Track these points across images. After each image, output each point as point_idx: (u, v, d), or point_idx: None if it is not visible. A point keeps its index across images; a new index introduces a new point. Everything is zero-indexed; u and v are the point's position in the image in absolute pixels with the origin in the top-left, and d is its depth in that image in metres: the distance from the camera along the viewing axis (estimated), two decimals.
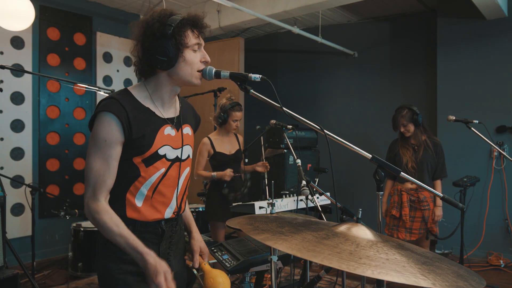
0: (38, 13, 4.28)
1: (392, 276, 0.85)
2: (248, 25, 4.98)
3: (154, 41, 1.32)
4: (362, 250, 0.98)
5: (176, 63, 1.35)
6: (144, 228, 1.42)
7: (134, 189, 1.39)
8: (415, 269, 0.92)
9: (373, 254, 0.96)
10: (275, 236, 1.07)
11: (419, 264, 0.96)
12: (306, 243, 1.00)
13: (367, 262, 0.90)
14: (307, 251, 0.95)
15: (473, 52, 4.62)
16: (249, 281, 1.86)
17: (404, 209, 3.22)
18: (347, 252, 0.95)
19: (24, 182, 4.20)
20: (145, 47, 1.33)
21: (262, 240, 1.04)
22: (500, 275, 4.09)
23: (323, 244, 0.99)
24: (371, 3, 4.96)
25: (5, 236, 2.95)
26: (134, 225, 1.39)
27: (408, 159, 3.26)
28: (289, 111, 1.37)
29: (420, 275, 0.89)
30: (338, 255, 0.93)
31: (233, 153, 3.37)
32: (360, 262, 0.90)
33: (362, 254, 0.95)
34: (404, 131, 3.28)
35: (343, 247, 0.98)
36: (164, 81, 1.40)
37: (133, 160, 1.37)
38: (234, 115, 3.30)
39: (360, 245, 1.01)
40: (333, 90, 5.97)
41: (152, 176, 1.40)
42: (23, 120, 4.37)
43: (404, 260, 0.96)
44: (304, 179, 1.92)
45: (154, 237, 1.44)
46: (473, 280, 0.96)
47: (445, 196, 1.46)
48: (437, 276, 0.90)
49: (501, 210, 4.47)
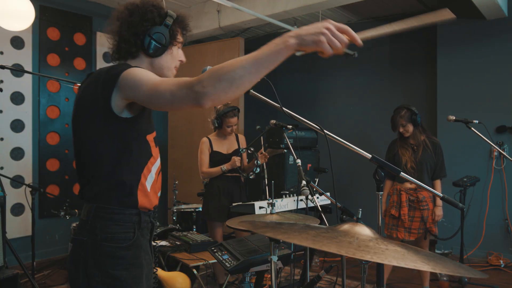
0: (38, 13, 4.28)
1: (390, 261, 0.86)
2: (248, 25, 4.97)
3: (152, 26, 1.33)
4: (362, 242, 0.99)
5: (163, 53, 1.38)
6: (146, 218, 1.35)
7: (147, 171, 1.32)
8: (415, 257, 0.93)
9: (372, 244, 0.97)
10: (274, 229, 1.08)
11: (418, 254, 0.98)
12: (305, 234, 1.02)
13: (366, 249, 0.91)
14: (306, 239, 0.96)
15: (473, 52, 4.62)
16: (249, 281, 1.86)
17: (403, 208, 3.22)
18: (347, 242, 0.96)
19: (24, 182, 4.19)
20: (141, 30, 1.33)
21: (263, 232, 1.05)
22: (500, 275, 4.09)
23: (322, 236, 1.00)
24: (371, 3, 4.96)
25: (5, 236, 2.95)
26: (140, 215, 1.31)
27: (407, 159, 3.26)
28: (289, 111, 1.37)
29: (421, 261, 0.90)
30: (337, 243, 0.94)
31: (230, 152, 3.40)
32: (359, 249, 0.91)
33: (362, 243, 0.96)
34: (403, 131, 3.29)
35: (343, 239, 0.99)
36: (144, 67, 1.36)
37: (146, 138, 1.32)
38: (228, 121, 3.29)
39: (361, 239, 1.02)
40: (333, 90, 5.97)
41: (158, 157, 1.37)
42: (23, 120, 4.37)
43: (404, 251, 0.97)
44: (304, 179, 1.93)
45: (147, 229, 1.38)
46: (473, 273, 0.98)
47: (445, 196, 1.46)
48: (437, 263, 0.92)
49: (501, 210, 4.47)
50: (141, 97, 1.17)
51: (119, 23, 1.35)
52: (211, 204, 3.34)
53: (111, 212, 1.26)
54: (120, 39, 1.35)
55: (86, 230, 1.25)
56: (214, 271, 3.38)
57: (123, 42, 1.35)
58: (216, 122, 3.32)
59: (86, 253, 1.23)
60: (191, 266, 2.55)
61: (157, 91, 1.11)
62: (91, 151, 1.28)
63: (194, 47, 5.58)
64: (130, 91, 1.18)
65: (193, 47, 5.59)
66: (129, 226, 1.28)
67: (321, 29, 0.97)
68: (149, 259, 1.37)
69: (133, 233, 1.28)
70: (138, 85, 1.16)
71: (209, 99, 1.02)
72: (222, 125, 3.32)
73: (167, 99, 1.10)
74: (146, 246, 1.36)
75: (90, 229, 1.24)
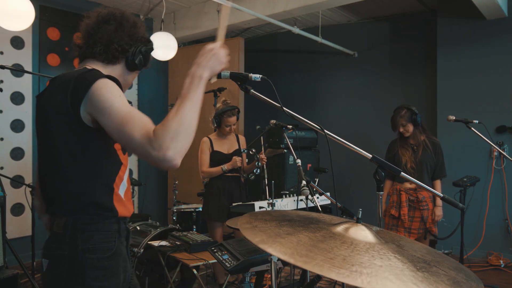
0: (38, 13, 4.28)
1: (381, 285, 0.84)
2: (248, 25, 4.97)
3: (143, 43, 1.43)
4: (357, 255, 0.96)
5: (133, 72, 1.45)
6: (123, 225, 1.35)
7: (119, 179, 1.31)
8: (408, 276, 0.91)
9: (367, 260, 0.94)
10: (270, 238, 1.05)
11: (414, 270, 0.95)
12: (300, 246, 0.99)
13: (359, 270, 0.89)
14: (300, 256, 0.93)
15: (473, 52, 4.62)
16: (249, 281, 1.86)
17: (402, 208, 3.22)
18: (341, 258, 0.94)
19: (24, 182, 4.19)
20: (137, 42, 1.41)
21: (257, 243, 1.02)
22: (500, 275, 4.09)
23: (317, 248, 0.98)
24: (371, 3, 4.96)
25: (5, 236, 2.95)
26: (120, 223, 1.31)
27: (407, 159, 3.27)
28: (289, 111, 1.37)
29: (412, 283, 0.88)
30: (330, 261, 0.91)
31: (231, 152, 3.40)
32: (352, 270, 0.89)
33: (356, 260, 0.94)
34: (403, 131, 3.29)
35: (338, 252, 0.97)
36: (117, 74, 1.38)
37: (114, 146, 1.30)
38: (226, 120, 3.30)
39: (356, 248, 1.00)
40: (333, 90, 5.96)
41: (127, 164, 1.37)
42: (23, 120, 4.37)
43: (399, 266, 0.95)
44: (304, 179, 1.92)
45: (124, 236, 1.36)
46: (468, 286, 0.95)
47: (445, 196, 1.46)
48: (429, 285, 0.89)
49: (501, 210, 4.47)
50: (108, 129, 1.15)
51: (117, 27, 1.36)
52: (211, 204, 3.34)
53: (90, 222, 1.24)
54: (117, 42, 1.36)
55: (65, 243, 1.22)
56: (214, 271, 3.38)
57: (117, 45, 1.36)
58: (215, 121, 3.33)
59: (67, 267, 1.21)
60: (191, 266, 2.55)
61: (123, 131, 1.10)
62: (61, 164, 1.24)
63: (194, 47, 5.58)
64: (97, 114, 1.17)
65: (193, 47, 5.59)
66: (110, 234, 1.27)
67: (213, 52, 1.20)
68: (126, 266, 1.36)
69: (114, 241, 1.28)
70: (105, 112, 1.14)
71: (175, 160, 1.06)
72: (221, 124, 3.33)
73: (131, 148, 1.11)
74: (125, 253, 1.35)
75: (70, 242, 1.22)
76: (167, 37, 4.10)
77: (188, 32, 5.26)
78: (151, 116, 1.11)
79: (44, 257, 1.26)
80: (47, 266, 1.25)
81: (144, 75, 5.55)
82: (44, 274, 1.26)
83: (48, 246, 1.28)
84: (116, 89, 1.20)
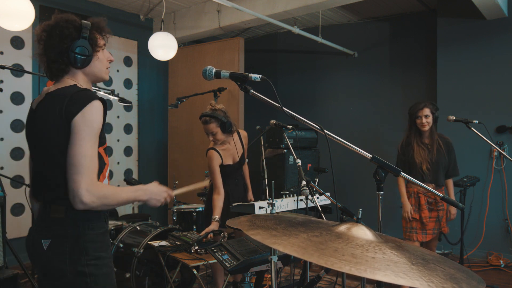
0: (38, 13, 4.27)
1: (367, 273, 0.84)
2: (248, 25, 4.97)
3: (72, 42, 1.48)
4: (350, 248, 0.96)
5: (91, 61, 1.53)
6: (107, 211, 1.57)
7: (103, 177, 1.49)
8: (400, 268, 0.89)
9: (359, 252, 0.94)
10: (266, 232, 1.08)
11: (408, 264, 0.93)
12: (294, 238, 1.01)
13: (348, 259, 0.89)
14: (291, 245, 0.96)
15: (473, 52, 4.62)
16: (249, 281, 1.86)
17: (423, 211, 3.16)
18: (332, 249, 0.95)
19: (24, 182, 4.20)
20: (63, 48, 1.47)
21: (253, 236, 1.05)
22: (500, 275, 4.09)
23: (310, 241, 0.99)
24: (371, 3, 4.96)
25: (5, 236, 2.95)
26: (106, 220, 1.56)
27: (421, 160, 3.18)
28: (289, 111, 1.37)
29: (402, 273, 0.86)
30: (321, 251, 0.93)
31: (237, 160, 3.19)
32: (342, 258, 0.89)
33: (347, 251, 0.94)
34: (424, 122, 3.15)
35: (331, 245, 0.97)
36: (80, 79, 1.54)
37: (99, 150, 1.45)
38: (204, 128, 2.97)
39: (350, 244, 1.00)
40: (333, 90, 5.97)
41: (109, 164, 1.56)
42: (23, 120, 4.36)
43: (393, 259, 0.93)
44: (304, 179, 1.92)
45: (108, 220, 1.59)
46: (467, 283, 0.93)
47: (445, 196, 1.47)
48: (422, 276, 0.88)
49: (501, 210, 4.47)
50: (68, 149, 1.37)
51: (42, 46, 1.50)
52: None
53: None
54: (48, 60, 1.50)
55: (67, 224, 1.43)
56: (214, 276, 3.19)
57: (51, 63, 1.50)
58: None
59: (70, 243, 1.42)
60: (191, 266, 2.55)
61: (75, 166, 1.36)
62: (58, 164, 1.41)
63: (194, 47, 5.58)
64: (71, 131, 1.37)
65: (193, 47, 5.59)
66: (101, 215, 1.52)
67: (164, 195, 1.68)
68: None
69: (105, 222, 1.54)
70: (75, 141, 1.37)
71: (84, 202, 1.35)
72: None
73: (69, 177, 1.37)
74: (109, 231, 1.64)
75: (72, 223, 1.43)
76: (167, 37, 4.10)
77: (188, 32, 5.26)
78: (151, 116, 1.11)
79: (44, 237, 1.43)
80: (48, 245, 1.42)
81: (144, 75, 5.55)
82: (44, 253, 1.43)
83: (47, 228, 1.45)
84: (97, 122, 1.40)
